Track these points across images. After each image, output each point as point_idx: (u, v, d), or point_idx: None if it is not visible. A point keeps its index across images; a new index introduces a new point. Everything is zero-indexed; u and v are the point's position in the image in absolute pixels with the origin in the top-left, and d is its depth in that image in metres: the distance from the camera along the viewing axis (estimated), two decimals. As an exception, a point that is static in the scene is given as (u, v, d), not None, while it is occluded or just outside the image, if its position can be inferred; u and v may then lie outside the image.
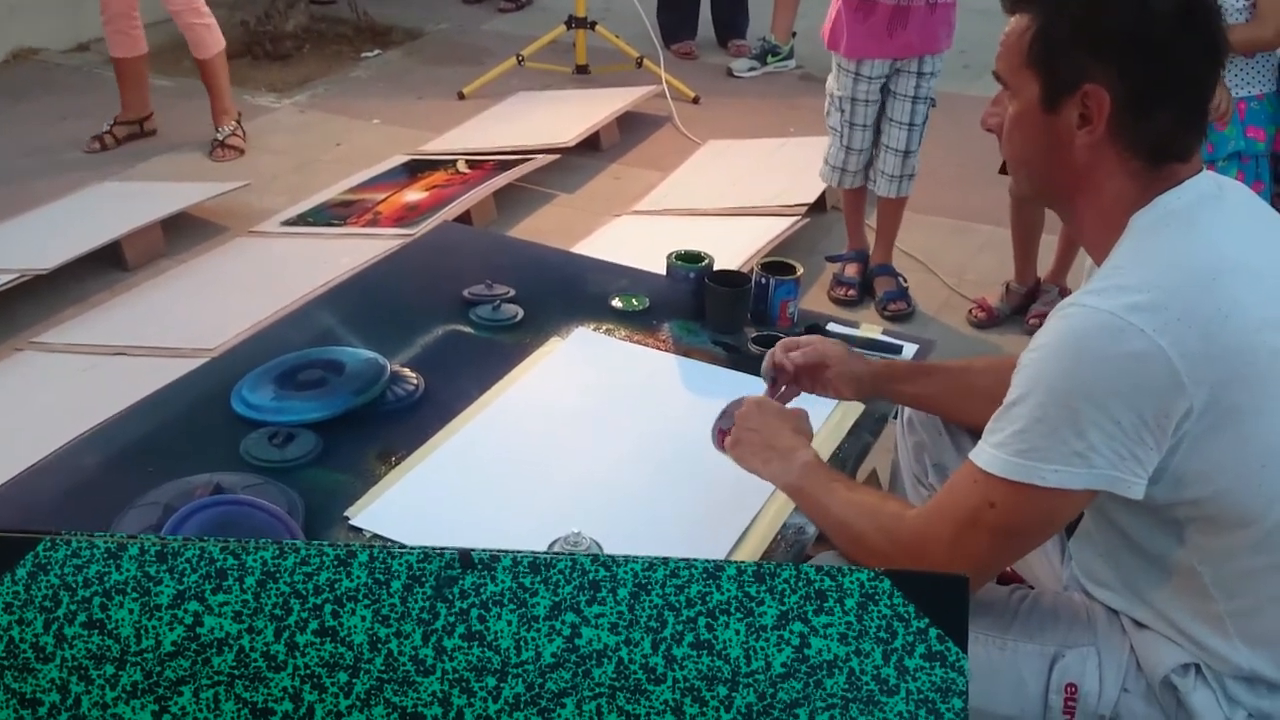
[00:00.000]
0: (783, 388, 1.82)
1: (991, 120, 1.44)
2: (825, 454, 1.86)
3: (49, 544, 1.16)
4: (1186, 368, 1.22)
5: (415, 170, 4.23)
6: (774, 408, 1.69)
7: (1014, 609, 1.50)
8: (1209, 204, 1.33)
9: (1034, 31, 1.34)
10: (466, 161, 4.24)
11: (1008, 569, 1.91)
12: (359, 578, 1.16)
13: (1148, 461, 1.26)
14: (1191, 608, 1.37)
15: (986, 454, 1.32)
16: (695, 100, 5.07)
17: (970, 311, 3.46)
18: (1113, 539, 1.42)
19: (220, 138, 4.44)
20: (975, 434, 1.40)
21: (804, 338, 1.82)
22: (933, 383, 1.79)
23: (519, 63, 5.20)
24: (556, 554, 1.18)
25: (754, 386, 2.03)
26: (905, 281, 3.53)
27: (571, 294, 2.40)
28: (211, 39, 4.33)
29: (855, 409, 1.99)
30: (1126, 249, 1.32)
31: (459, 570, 1.17)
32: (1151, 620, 1.41)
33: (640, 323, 2.28)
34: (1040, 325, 1.35)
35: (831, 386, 1.79)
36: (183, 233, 3.79)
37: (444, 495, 1.78)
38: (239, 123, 4.52)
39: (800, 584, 1.16)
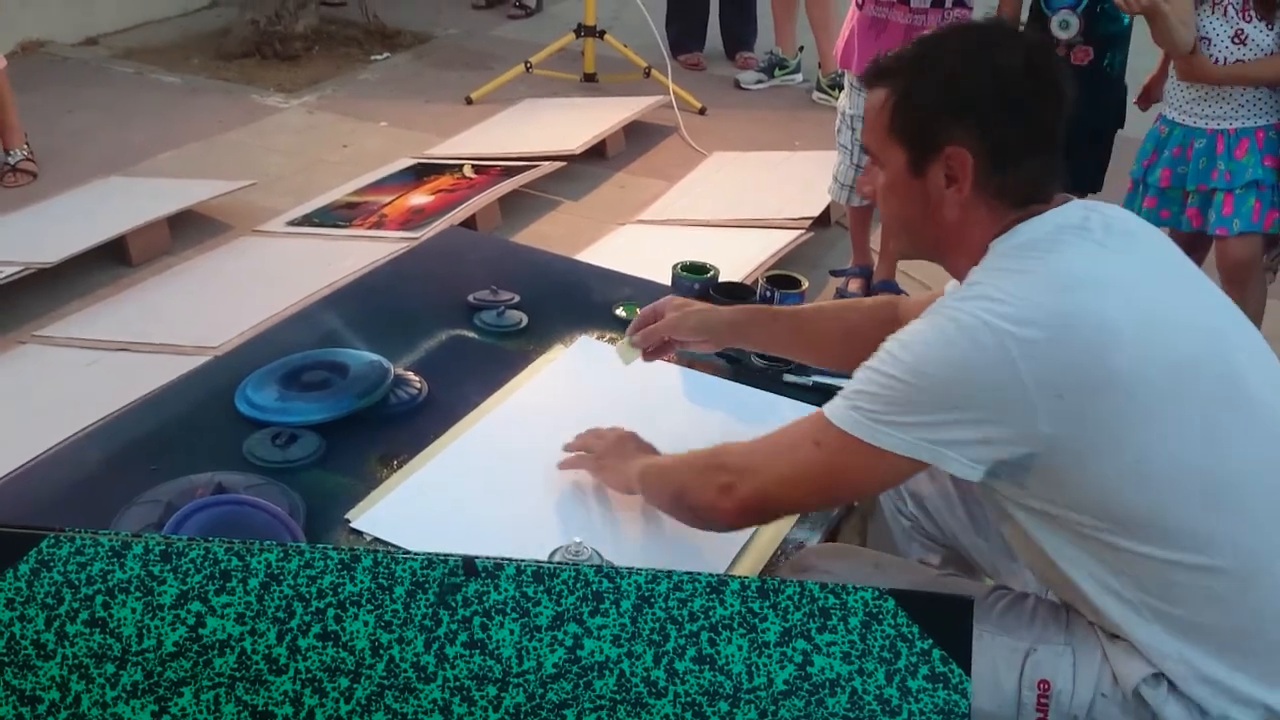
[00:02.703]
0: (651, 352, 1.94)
1: (866, 188, 1.54)
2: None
3: (53, 540, 1.16)
4: (1030, 368, 1.27)
5: (421, 174, 4.23)
6: (613, 435, 1.80)
7: (992, 604, 1.51)
8: (1070, 231, 1.38)
9: (894, 102, 1.43)
10: (473, 166, 4.24)
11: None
12: (362, 582, 1.16)
13: (984, 453, 1.32)
14: (1130, 618, 1.37)
15: (831, 402, 1.40)
16: (702, 111, 5.07)
17: None
18: (1037, 558, 1.44)
19: (12, 162, 4.13)
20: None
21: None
22: (778, 327, 1.88)
23: (527, 70, 5.20)
24: (560, 564, 1.18)
25: (758, 399, 2.04)
26: (908, 299, 3.54)
27: (576, 302, 2.40)
28: None
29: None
30: (983, 267, 1.39)
31: (462, 578, 1.17)
32: (1107, 625, 1.41)
33: (644, 333, 2.28)
34: None
35: (691, 336, 1.89)
36: (188, 230, 3.79)
37: (445, 500, 1.78)
38: (28, 145, 4.19)
39: (804, 601, 1.16)
